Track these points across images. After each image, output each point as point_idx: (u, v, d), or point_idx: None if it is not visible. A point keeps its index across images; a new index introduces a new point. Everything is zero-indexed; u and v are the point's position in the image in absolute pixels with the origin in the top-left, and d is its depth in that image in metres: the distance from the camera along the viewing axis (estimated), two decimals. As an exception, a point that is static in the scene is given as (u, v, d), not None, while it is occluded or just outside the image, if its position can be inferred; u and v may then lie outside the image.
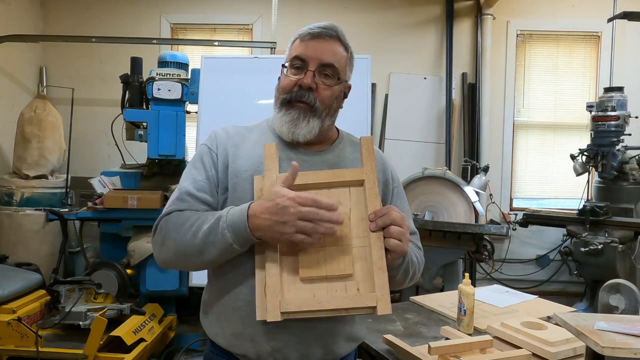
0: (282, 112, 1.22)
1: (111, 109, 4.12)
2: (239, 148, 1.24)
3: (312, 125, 1.20)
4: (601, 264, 3.50)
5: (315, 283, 1.05)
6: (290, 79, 1.21)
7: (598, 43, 4.85)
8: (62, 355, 2.70)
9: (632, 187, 3.94)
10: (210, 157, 1.23)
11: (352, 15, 4.79)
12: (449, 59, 4.73)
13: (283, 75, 1.25)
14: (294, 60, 1.22)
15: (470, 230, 3.17)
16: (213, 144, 1.26)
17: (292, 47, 1.25)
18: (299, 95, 1.20)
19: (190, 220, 1.11)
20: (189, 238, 1.09)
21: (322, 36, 1.21)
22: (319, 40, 1.21)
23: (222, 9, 4.80)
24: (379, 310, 1.00)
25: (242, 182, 1.19)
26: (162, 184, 3.69)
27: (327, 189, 1.13)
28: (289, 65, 1.23)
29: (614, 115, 3.87)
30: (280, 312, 1.01)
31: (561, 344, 1.40)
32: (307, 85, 1.19)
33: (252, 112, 3.28)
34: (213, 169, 1.22)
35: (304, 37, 1.23)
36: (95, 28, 4.64)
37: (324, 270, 1.05)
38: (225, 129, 1.31)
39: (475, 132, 4.74)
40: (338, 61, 1.22)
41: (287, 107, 1.21)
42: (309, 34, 1.22)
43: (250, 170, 1.19)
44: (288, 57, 1.25)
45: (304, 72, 1.20)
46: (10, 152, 4.14)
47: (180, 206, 1.17)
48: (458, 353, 1.35)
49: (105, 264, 3.30)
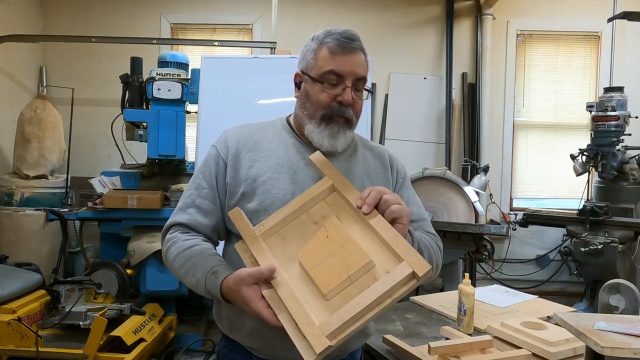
0: (321, 127, 1.23)
1: (111, 109, 4.12)
2: (255, 151, 1.25)
3: (349, 136, 1.25)
4: (601, 264, 3.49)
5: (342, 291, 0.97)
6: (328, 95, 1.21)
7: (598, 43, 4.85)
8: (62, 355, 2.70)
9: (632, 187, 3.94)
10: (217, 164, 1.26)
11: (352, 15, 4.79)
12: (449, 59, 4.73)
13: (315, 89, 1.22)
14: (329, 75, 1.21)
15: (470, 230, 3.17)
16: (223, 149, 1.27)
17: (320, 58, 1.22)
18: (340, 111, 1.21)
19: (182, 260, 1.18)
20: (181, 275, 1.19)
21: (353, 49, 1.22)
22: (351, 54, 1.21)
23: (222, 9, 4.80)
24: (419, 271, 0.93)
25: (261, 185, 1.21)
26: (162, 184, 3.69)
27: (304, 213, 1.12)
28: (323, 79, 1.21)
29: (614, 115, 3.87)
30: (326, 337, 0.90)
31: (561, 344, 1.40)
32: (349, 102, 1.21)
33: (252, 112, 3.28)
34: (219, 177, 1.25)
35: (334, 50, 1.21)
36: (95, 28, 4.63)
37: (343, 273, 0.98)
38: (239, 130, 1.31)
39: (475, 132, 4.74)
40: (366, 72, 1.25)
41: (327, 122, 1.23)
42: (340, 47, 1.20)
43: (268, 174, 1.22)
44: (317, 68, 1.22)
45: (342, 88, 1.21)
46: (10, 152, 4.14)
47: (182, 218, 1.25)
48: (458, 353, 1.35)
49: (105, 264, 3.29)
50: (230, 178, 1.23)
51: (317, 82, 1.22)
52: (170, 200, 3.39)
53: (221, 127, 1.39)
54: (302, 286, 1.01)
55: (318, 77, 1.21)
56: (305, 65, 1.26)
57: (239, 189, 1.22)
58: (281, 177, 1.22)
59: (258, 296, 1.02)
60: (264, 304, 1.01)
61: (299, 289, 1.00)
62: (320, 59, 1.22)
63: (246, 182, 1.22)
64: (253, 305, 1.02)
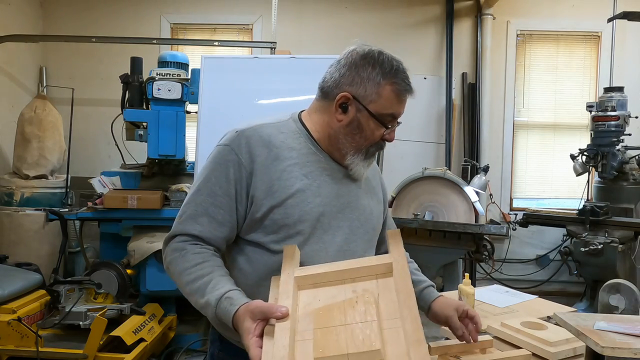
0: (365, 159, 1.25)
1: (111, 109, 4.11)
2: (279, 160, 1.19)
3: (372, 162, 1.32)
4: (601, 264, 3.49)
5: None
6: (380, 132, 1.23)
7: (598, 43, 4.85)
8: (62, 355, 2.70)
9: (632, 187, 3.94)
10: (238, 172, 1.17)
11: (352, 15, 4.79)
12: (449, 59, 4.73)
13: (371, 125, 1.20)
14: (389, 117, 1.22)
15: (470, 230, 3.17)
16: (244, 155, 1.17)
17: (385, 97, 1.19)
18: (381, 146, 1.27)
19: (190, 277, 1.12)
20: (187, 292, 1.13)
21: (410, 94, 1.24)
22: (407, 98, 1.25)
23: (222, 9, 4.80)
24: None
25: (290, 199, 1.17)
26: (162, 184, 3.69)
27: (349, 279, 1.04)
28: (384, 120, 1.20)
29: (614, 115, 3.87)
30: None
31: (561, 344, 1.40)
32: (392, 140, 1.26)
33: (252, 112, 3.28)
34: (239, 186, 1.17)
35: (401, 95, 1.22)
36: (95, 28, 4.63)
37: (345, 348, 0.85)
38: (256, 132, 1.21)
39: (475, 132, 4.74)
40: None
41: (370, 155, 1.27)
42: (406, 93, 1.23)
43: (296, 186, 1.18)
44: (379, 105, 1.18)
45: (391, 127, 1.24)
46: (10, 152, 4.14)
47: (194, 230, 1.16)
48: (458, 353, 1.35)
49: (105, 264, 3.29)
50: (258, 191, 1.16)
51: (376, 120, 1.20)
52: (170, 200, 3.39)
53: (221, 127, 1.36)
54: (302, 342, 0.92)
55: (379, 117, 1.20)
56: (363, 94, 1.18)
57: (267, 201, 1.16)
58: (307, 189, 1.19)
59: (256, 332, 0.96)
60: (258, 342, 0.95)
61: (298, 343, 0.91)
62: (384, 98, 1.19)
63: (275, 195, 1.16)
64: (247, 339, 0.97)
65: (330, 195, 1.22)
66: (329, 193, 1.22)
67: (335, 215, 1.22)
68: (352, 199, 1.27)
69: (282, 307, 0.96)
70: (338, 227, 1.23)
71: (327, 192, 1.22)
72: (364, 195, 1.31)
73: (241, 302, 1.03)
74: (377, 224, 1.36)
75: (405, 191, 3.45)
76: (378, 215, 1.37)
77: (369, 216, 1.31)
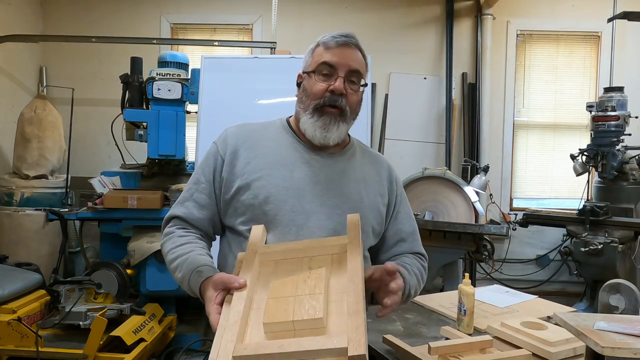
0: (314, 118, 1.26)
1: (111, 109, 4.11)
2: (254, 149, 1.30)
3: (342, 130, 1.28)
4: (601, 264, 3.49)
5: (281, 331, 0.95)
6: (320, 85, 1.25)
7: (598, 43, 4.85)
8: (62, 355, 2.70)
9: (632, 187, 3.94)
10: (216, 160, 1.31)
11: (352, 15, 4.79)
12: (449, 59, 4.73)
13: (311, 81, 1.27)
14: (321, 66, 1.26)
15: (470, 230, 3.17)
16: (222, 146, 1.32)
17: (316, 54, 1.28)
18: (332, 100, 1.25)
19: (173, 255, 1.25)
20: (172, 269, 1.25)
21: (348, 44, 1.27)
22: (345, 48, 1.27)
23: (222, 9, 4.80)
24: (352, 350, 0.87)
25: (256, 180, 1.25)
26: (162, 184, 3.68)
27: (307, 257, 1.13)
28: (317, 72, 1.26)
29: (614, 115, 3.87)
30: (233, 357, 0.89)
31: (561, 344, 1.40)
32: (340, 91, 1.24)
33: (252, 112, 3.28)
34: (217, 172, 1.30)
35: (329, 45, 1.27)
36: (95, 28, 4.63)
37: (291, 316, 0.95)
38: (239, 128, 1.36)
39: (475, 132, 4.74)
40: (362, 67, 1.29)
41: (320, 112, 1.26)
42: (335, 42, 1.27)
43: (265, 170, 1.26)
44: (313, 63, 1.28)
45: (334, 78, 1.25)
46: (10, 152, 4.14)
47: (179, 211, 1.32)
48: (458, 353, 1.35)
49: (105, 264, 3.29)
50: (227, 173, 1.28)
51: (312, 75, 1.26)
52: (170, 200, 3.39)
53: (221, 127, 1.41)
54: (257, 310, 1.02)
55: (313, 70, 1.27)
56: (305, 66, 1.31)
57: (234, 183, 1.26)
58: (276, 173, 1.26)
59: (217, 300, 1.06)
60: (218, 309, 1.04)
61: (253, 311, 1.01)
62: (316, 55, 1.29)
63: (242, 177, 1.26)
64: (209, 306, 1.07)
65: (305, 181, 1.26)
66: (303, 178, 1.26)
67: (311, 200, 1.25)
68: (334, 185, 1.29)
69: (241, 279, 1.05)
70: (313, 212, 1.25)
71: (301, 177, 1.26)
72: (351, 184, 1.31)
73: (208, 275, 1.15)
74: (371, 214, 1.32)
75: (405, 191, 3.43)
76: (372, 206, 1.33)
77: (356, 204, 1.29)
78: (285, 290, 1.02)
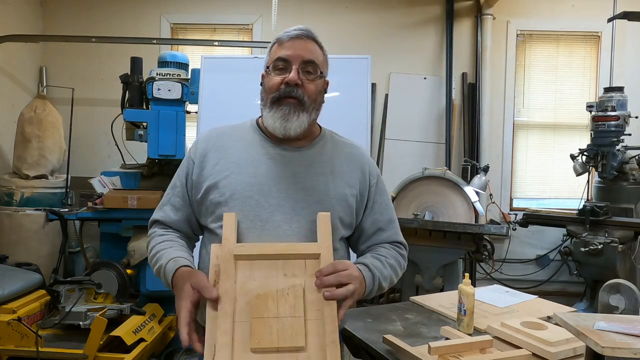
0: (272, 110, 1.30)
1: (111, 109, 4.12)
2: (222, 150, 1.34)
3: (302, 120, 1.29)
4: (601, 264, 3.50)
5: (266, 354, 1.04)
6: (275, 79, 1.29)
7: (598, 43, 4.85)
8: (62, 355, 2.69)
9: (632, 187, 3.94)
10: (188, 164, 1.38)
11: (352, 15, 4.79)
12: (449, 59, 4.73)
13: (268, 78, 1.32)
14: (277, 62, 1.30)
15: (470, 230, 3.17)
16: (194, 151, 1.38)
17: (272, 52, 1.33)
18: (287, 91, 1.28)
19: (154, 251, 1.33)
20: (152, 264, 1.33)
21: (300, 37, 1.30)
22: (298, 41, 1.30)
23: (222, 9, 4.80)
24: None
25: (224, 179, 1.29)
26: (162, 184, 3.68)
27: (282, 260, 1.17)
28: (272, 67, 1.31)
29: (614, 115, 3.87)
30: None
31: (561, 344, 1.40)
32: (294, 81, 1.27)
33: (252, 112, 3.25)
34: (189, 176, 1.36)
35: (282, 40, 1.31)
36: (95, 28, 4.64)
37: (276, 342, 1.04)
38: (210, 132, 1.41)
39: (475, 132, 4.74)
40: (317, 58, 1.31)
41: (277, 104, 1.29)
42: (287, 36, 1.30)
43: (231, 169, 1.30)
44: (269, 60, 1.33)
45: (288, 71, 1.28)
46: (10, 152, 4.14)
47: (158, 215, 1.41)
48: (458, 353, 1.35)
49: (105, 264, 3.29)
50: (196, 175, 1.33)
51: (269, 71, 1.31)
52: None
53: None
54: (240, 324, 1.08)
55: (269, 67, 1.32)
56: (266, 64, 1.36)
57: (203, 184, 1.31)
58: (243, 171, 1.29)
59: (191, 299, 1.13)
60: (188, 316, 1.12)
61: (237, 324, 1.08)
62: (272, 53, 1.33)
63: (210, 177, 1.30)
64: (183, 299, 1.14)
65: (270, 176, 1.29)
66: (268, 174, 1.29)
67: (276, 194, 1.27)
68: (299, 179, 1.30)
69: (214, 292, 1.10)
70: (278, 206, 1.27)
71: (265, 172, 1.29)
72: (317, 177, 1.31)
73: (184, 264, 1.22)
74: (338, 205, 1.31)
75: (405, 191, 3.45)
76: (340, 197, 1.31)
77: (322, 197, 1.29)
78: (268, 309, 1.09)
